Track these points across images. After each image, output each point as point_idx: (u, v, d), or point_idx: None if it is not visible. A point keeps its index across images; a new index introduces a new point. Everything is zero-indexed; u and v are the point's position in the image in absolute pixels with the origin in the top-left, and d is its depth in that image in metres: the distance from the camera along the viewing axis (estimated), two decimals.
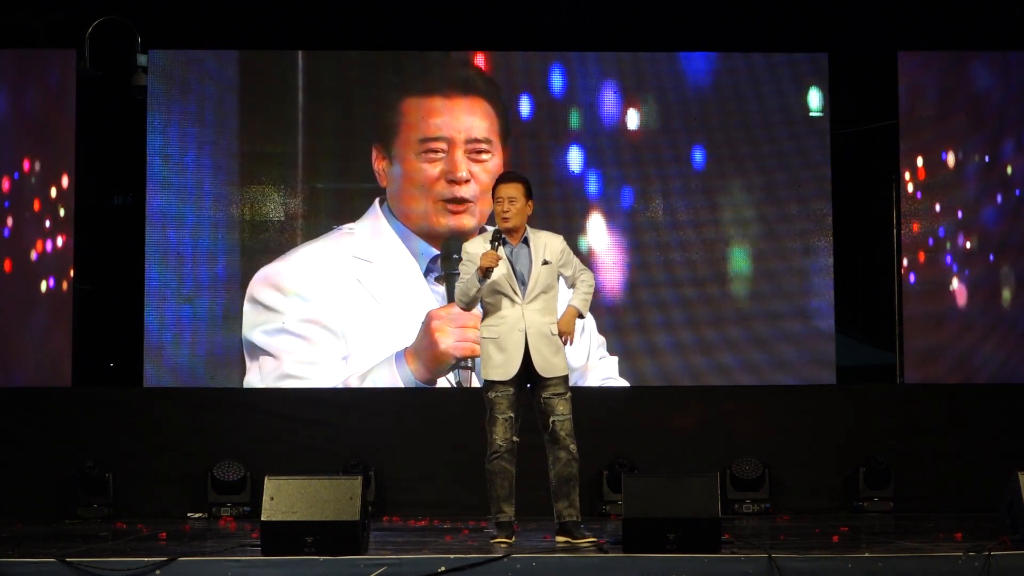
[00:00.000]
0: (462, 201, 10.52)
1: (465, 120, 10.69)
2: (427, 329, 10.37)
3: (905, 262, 10.89)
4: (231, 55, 10.79)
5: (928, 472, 10.43)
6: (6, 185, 10.62)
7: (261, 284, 10.57)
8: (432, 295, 10.50)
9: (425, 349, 10.38)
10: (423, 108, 10.73)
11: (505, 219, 7.04)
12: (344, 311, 10.50)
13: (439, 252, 10.52)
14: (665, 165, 10.89)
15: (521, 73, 10.90)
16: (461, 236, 10.18)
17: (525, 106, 10.83)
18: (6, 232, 10.58)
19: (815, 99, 10.84)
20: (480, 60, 10.88)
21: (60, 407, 10.41)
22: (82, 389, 10.62)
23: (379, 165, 10.69)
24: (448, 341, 10.31)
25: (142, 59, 10.26)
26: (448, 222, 10.53)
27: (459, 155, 10.60)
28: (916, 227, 10.91)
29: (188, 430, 10.40)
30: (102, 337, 11.37)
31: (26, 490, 10.17)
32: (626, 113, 10.87)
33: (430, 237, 10.57)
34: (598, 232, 10.79)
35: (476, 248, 7.04)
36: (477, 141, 10.64)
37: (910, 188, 10.92)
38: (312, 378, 10.47)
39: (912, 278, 10.89)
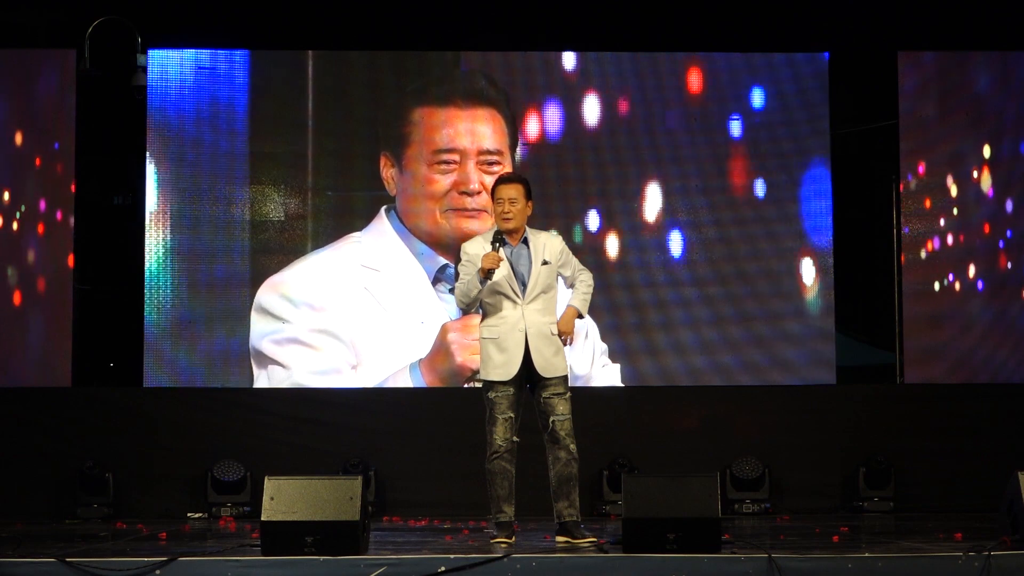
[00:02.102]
0: (473, 211, 10.53)
1: (477, 131, 10.68)
2: (443, 342, 10.39)
3: (905, 262, 10.89)
4: (232, 54, 10.78)
5: (928, 472, 10.43)
6: (5, 184, 10.62)
7: (269, 293, 10.56)
8: (440, 304, 10.49)
9: (441, 362, 10.41)
10: (435, 119, 10.72)
11: (507, 219, 7.04)
12: (352, 320, 10.49)
13: (448, 262, 10.51)
14: (665, 165, 10.90)
15: (519, 73, 10.90)
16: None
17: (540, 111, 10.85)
18: (6, 231, 10.58)
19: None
20: (488, 66, 10.89)
21: (60, 407, 10.41)
22: (82, 389, 10.62)
23: (388, 174, 10.68)
24: (463, 355, 10.33)
25: (142, 59, 10.27)
26: (459, 225, 10.51)
27: (471, 166, 10.60)
28: (916, 227, 10.91)
29: (188, 430, 10.40)
30: (102, 337, 11.38)
31: (26, 490, 10.18)
32: (624, 113, 10.88)
33: (439, 246, 10.57)
34: (598, 232, 10.79)
35: (476, 249, 7.03)
36: (489, 152, 10.64)
37: (910, 188, 10.92)
38: (321, 387, 10.47)
39: (912, 278, 10.88)
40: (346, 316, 10.50)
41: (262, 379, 10.50)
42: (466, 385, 10.37)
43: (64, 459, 10.22)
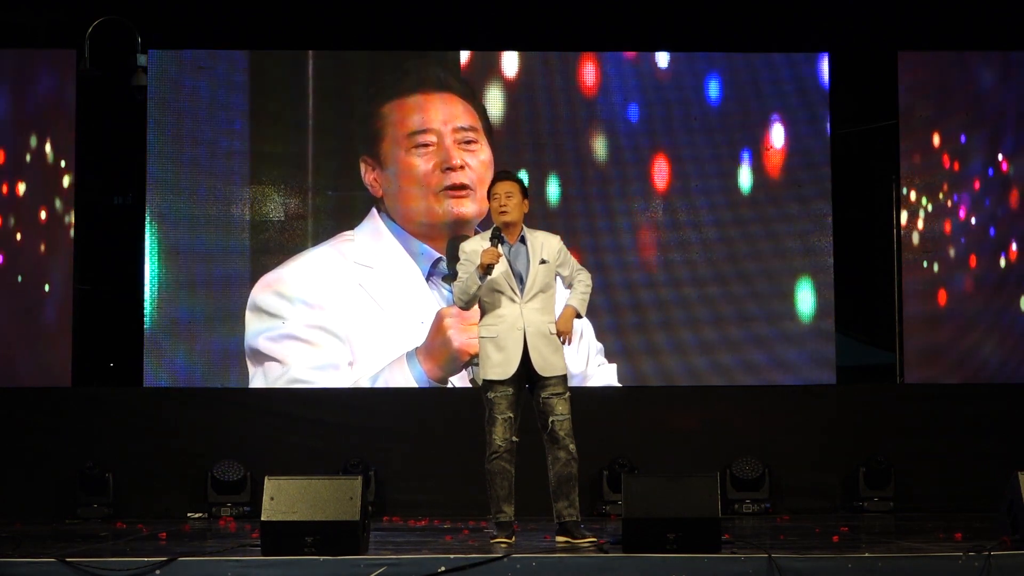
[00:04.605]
0: (461, 187, 10.52)
1: (448, 111, 10.69)
2: (439, 328, 10.37)
3: (905, 262, 10.89)
4: (232, 54, 10.78)
5: (928, 472, 10.43)
6: (5, 185, 10.62)
7: (263, 291, 10.56)
8: (434, 297, 10.49)
9: (438, 348, 10.39)
10: (405, 106, 10.72)
11: (503, 212, 7.03)
12: (347, 316, 10.49)
13: (441, 255, 10.51)
14: (665, 165, 10.89)
15: (519, 73, 10.89)
16: (465, 226, 10.27)
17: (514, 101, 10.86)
18: (6, 231, 10.58)
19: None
20: (461, 61, 10.90)
21: (60, 407, 10.40)
22: (82, 389, 10.62)
23: (370, 177, 10.67)
24: (461, 339, 10.31)
25: (142, 59, 10.27)
26: (450, 209, 10.51)
27: (449, 143, 10.60)
28: (916, 227, 10.90)
29: (188, 430, 10.40)
30: (102, 337, 11.37)
31: (26, 490, 10.17)
32: (627, 113, 10.87)
33: (431, 237, 10.57)
34: (598, 232, 10.78)
35: (474, 246, 7.03)
36: (464, 130, 10.64)
37: (910, 187, 10.92)
38: (317, 383, 10.48)
39: (912, 278, 10.88)
40: (341, 313, 10.49)
41: (258, 377, 10.49)
42: (464, 371, 10.35)
43: (64, 459, 10.22)
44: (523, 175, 10.05)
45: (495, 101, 10.81)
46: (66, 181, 10.61)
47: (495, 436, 6.96)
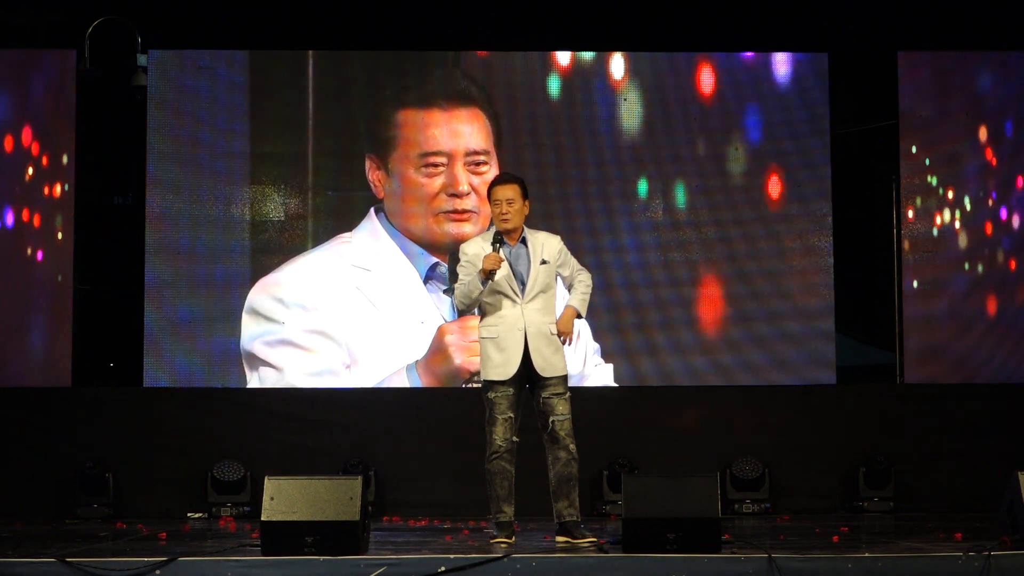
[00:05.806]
0: (464, 212, 10.52)
1: (463, 132, 10.67)
2: (440, 344, 10.38)
3: (905, 262, 10.89)
4: (232, 54, 10.78)
5: (928, 472, 10.44)
6: (6, 185, 10.62)
7: (260, 294, 10.55)
8: (432, 300, 10.48)
9: (438, 364, 10.40)
10: (418, 121, 10.70)
11: (505, 220, 7.04)
12: (344, 319, 10.48)
13: (439, 260, 10.51)
14: (665, 165, 10.90)
15: (519, 73, 10.89)
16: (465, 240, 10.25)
17: (522, 108, 10.85)
18: (6, 232, 10.58)
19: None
20: (475, 65, 10.88)
21: (60, 407, 10.40)
22: (82, 389, 10.62)
23: (374, 176, 10.67)
24: (462, 357, 10.32)
25: (142, 59, 10.27)
26: (451, 230, 10.52)
27: (459, 168, 10.59)
28: (916, 227, 10.90)
29: (188, 430, 10.40)
30: (102, 337, 11.37)
31: (26, 490, 10.17)
32: (627, 113, 10.88)
33: (431, 247, 10.57)
34: (598, 232, 10.78)
35: (475, 249, 7.04)
36: (476, 153, 10.63)
37: (909, 188, 10.92)
38: (321, 387, 10.48)
39: (912, 278, 10.88)
40: (338, 316, 10.49)
41: (254, 381, 10.49)
42: (464, 386, 10.37)
43: (64, 459, 10.22)
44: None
45: (499, 102, 10.81)
46: (66, 181, 10.59)
47: (495, 436, 6.97)
